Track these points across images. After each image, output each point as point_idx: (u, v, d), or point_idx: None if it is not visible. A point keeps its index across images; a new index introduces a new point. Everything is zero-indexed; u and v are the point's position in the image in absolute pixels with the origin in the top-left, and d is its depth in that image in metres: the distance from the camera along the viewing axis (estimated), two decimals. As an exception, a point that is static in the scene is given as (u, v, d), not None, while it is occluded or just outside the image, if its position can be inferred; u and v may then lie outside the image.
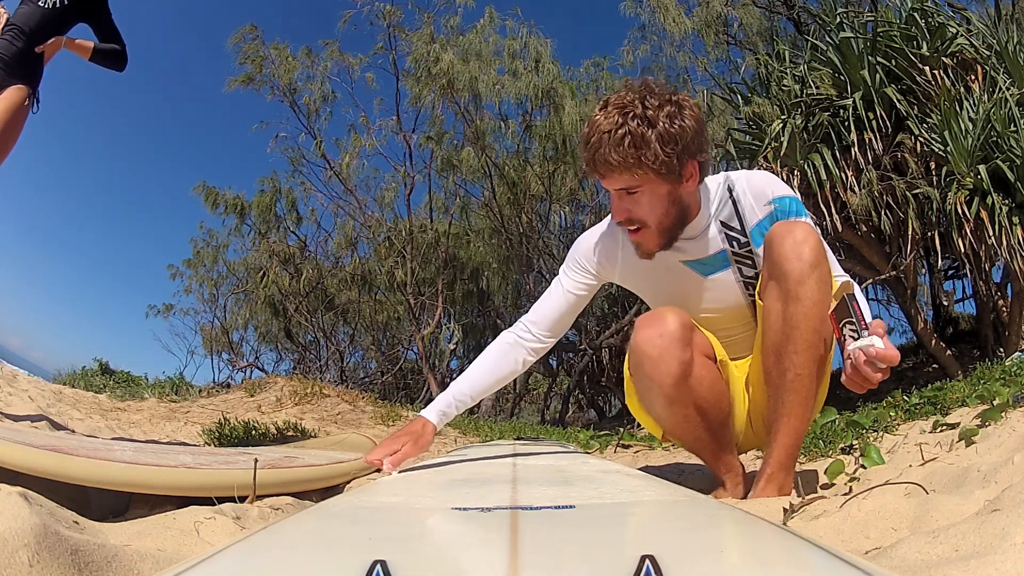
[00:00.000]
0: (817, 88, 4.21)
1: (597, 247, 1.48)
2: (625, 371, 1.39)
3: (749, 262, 1.37)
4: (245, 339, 9.04)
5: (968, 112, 3.65)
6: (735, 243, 1.37)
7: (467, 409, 1.51)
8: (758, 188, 1.36)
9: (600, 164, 1.24)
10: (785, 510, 1.03)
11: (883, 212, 3.91)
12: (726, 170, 5.22)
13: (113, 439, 2.70)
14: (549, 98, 6.59)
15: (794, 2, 6.17)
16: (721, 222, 1.37)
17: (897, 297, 5.09)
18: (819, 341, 1.20)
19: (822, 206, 3.95)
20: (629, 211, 1.29)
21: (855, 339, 1.10)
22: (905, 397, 2.28)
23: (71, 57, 2.51)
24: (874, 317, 1.13)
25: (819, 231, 1.31)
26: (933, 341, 4.42)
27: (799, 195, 4.11)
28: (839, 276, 1.32)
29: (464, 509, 0.70)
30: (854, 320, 1.12)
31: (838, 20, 4.37)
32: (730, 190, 1.37)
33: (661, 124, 1.20)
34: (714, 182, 1.38)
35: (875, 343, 1.07)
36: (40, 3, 2.35)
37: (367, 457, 1.30)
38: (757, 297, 1.32)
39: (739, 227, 1.36)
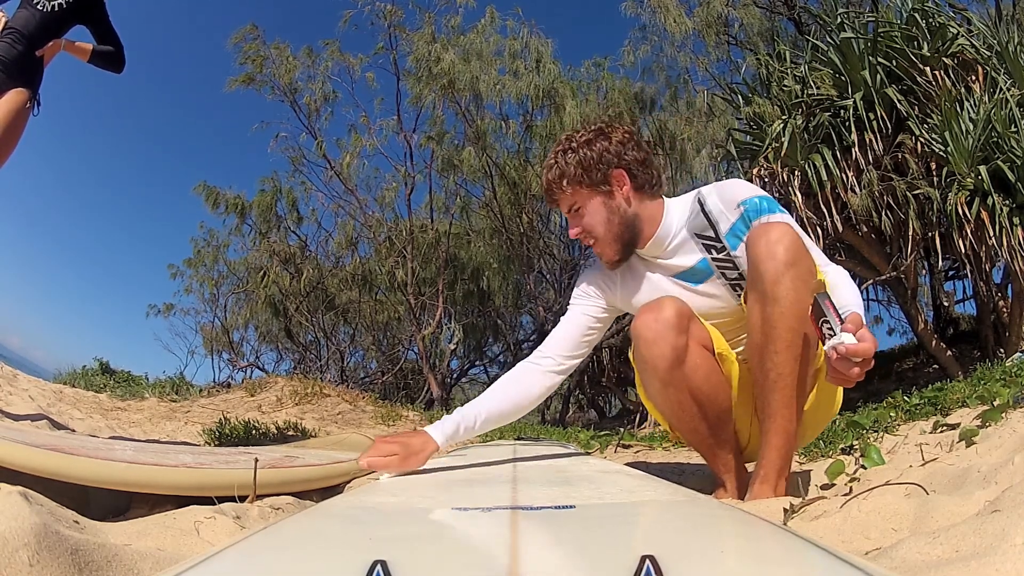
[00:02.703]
0: (818, 88, 4.21)
1: (597, 274, 1.56)
2: (631, 354, 1.43)
3: (730, 265, 1.40)
4: (245, 339, 9.05)
5: (969, 113, 3.65)
6: (713, 250, 1.41)
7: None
8: (726, 195, 1.41)
9: (550, 188, 1.47)
10: (785, 510, 1.03)
11: (883, 213, 3.91)
12: (727, 171, 5.22)
13: (113, 438, 2.70)
14: (550, 98, 6.59)
15: (795, 2, 6.17)
16: (695, 234, 1.42)
17: (898, 298, 5.08)
18: (799, 340, 1.21)
19: (823, 206, 3.95)
20: (578, 227, 1.45)
21: (830, 337, 1.11)
22: (905, 398, 2.28)
23: (71, 58, 2.51)
24: (874, 316, 1.13)
25: (797, 226, 1.33)
26: (933, 342, 4.42)
27: (800, 196, 4.10)
28: (824, 267, 1.32)
29: (464, 509, 0.70)
30: (828, 318, 1.12)
31: (839, 20, 4.36)
32: (700, 203, 1.42)
33: (581, 150, 1.42)
34: (684, 199, 1.47)
35: (845, 339, 1.08)
36: (39, 6, 2.35)
37: (361, 460, 1.25)
38: (742, 301, 1.34)
39: (713, 235, 1.41)
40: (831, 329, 1.11)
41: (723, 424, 1.39)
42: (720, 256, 1.40)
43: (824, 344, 1.12)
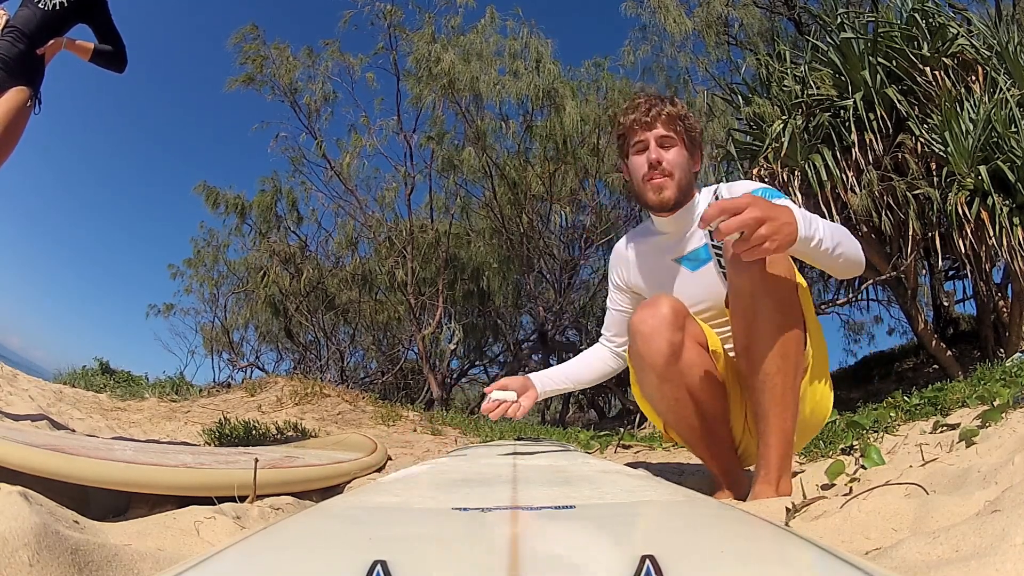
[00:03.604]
0: (818, 88, 4.21)
1: (616, 260, 1.70)
2: (627, 357, 1.46)
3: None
4: (245, 339, 9.02)
5: (969, 113, 3.65)
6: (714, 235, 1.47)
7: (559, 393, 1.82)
8: (736, 188, 1.52)
9: (656, 113, 1.49)
10: (788, 509, 1.03)
11: (883, 213, 3.91)
12: (727, 171, 5.24)
13: (113, 439, 2.70)
14: (550, 98, 6.59)
15: (795, 2, 6.17)
16: None
17: (898, 298, 5.08)
18: (782, 335, 1.21)
19: (822, 207, 3.95)
20: (663, 156, 1.49)
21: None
22: (905, 398, 2.28)
23: (72, 57, 2.51)
24: (874, 316, 1.15)
25: (798, 210, 1.32)
26: (933, 342, 4.42)
27: (799, 196, 4.11)
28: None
29: (464, 509, 0.70)
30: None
31: (839, 21, 4.36)
32: (716, 195, 1.54)
33: (688, 113, 1.55)
34: (706, 190, 1.58)
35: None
36: (40, 5, 2.34)
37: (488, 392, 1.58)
38: (726, 305, 1.36)
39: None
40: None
41: (719, 422, 1.39)
42: (720, 244, 1.45)
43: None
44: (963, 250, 3.57)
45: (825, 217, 3.83)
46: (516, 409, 1.56)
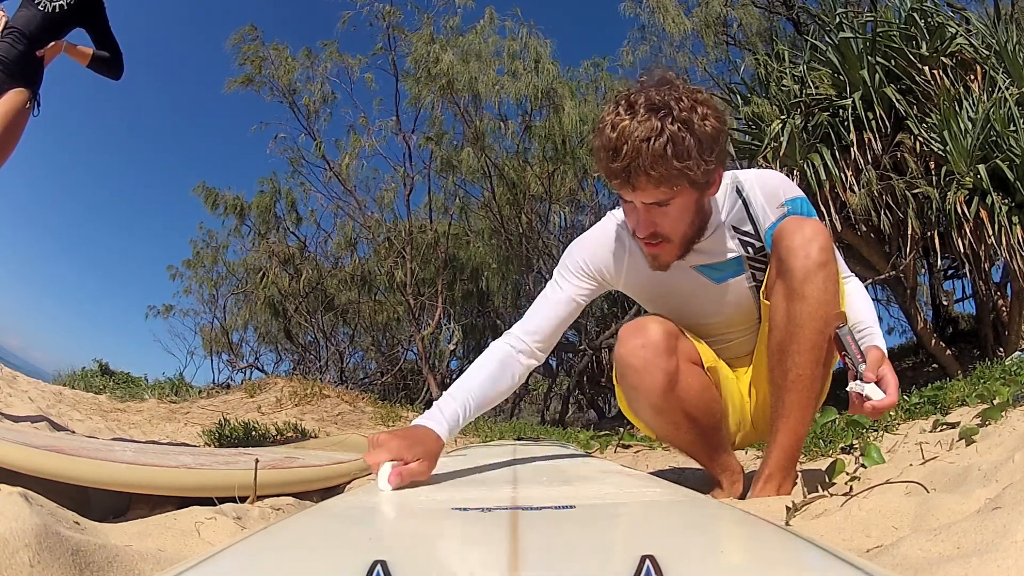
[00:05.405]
0: (816, 88, 4.22)
1: (601, 253, 1.34)
2: (614, 377, 1.34)
3: (762, 267, 1.31)
4: (245, 340, 9.04)
5: (967, 112, 3.65)
6: (750, 248, 1.30)
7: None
8: (770, 189, 1.30)
9: (636, 176, 1.08)
10: (788, 508, 1.03)
11: (882, 212, 3.92)
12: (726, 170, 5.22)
13: (113, 440, 2.70)
14: (549, 98, 6.59)
15: (793, 2, 6.18)
16: (733, 226, 1.29)
17: (897, 297, 5.09)
18: (823, 341, 1.18)
19: (821, 206, 3.95)
20: (656, 224, 1.17)
21: (854, 371, 1.15)
22: (905, 397, 2.28)
23: (70, 58, 2.51)
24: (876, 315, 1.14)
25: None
26: (933, 341, 4.43)
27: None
28: (844, 276, 1.29)
29: (464, 509, 0.70)
30: (850, 355, 1.15)
31: (837, 20, 4.37)
32: (739, 191, 1.29)
33: (698, 128, 1.08)
34: (721, 183, 1.26)
35: (870, 393, 1.13)
36: (40, 7, 2.34)
37: (368, 457, 0.99)
38: (762, 296, 1.28)
39: (752, 231, 1.30)
40: (852, 363, 1.15)
41: (717, 432, 1.33)
42: (757, 255, 1.31)
43: (849, 380, 1.16)
44: (962, 249, 3.58)
45: (824, 218, 3.87)
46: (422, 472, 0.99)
